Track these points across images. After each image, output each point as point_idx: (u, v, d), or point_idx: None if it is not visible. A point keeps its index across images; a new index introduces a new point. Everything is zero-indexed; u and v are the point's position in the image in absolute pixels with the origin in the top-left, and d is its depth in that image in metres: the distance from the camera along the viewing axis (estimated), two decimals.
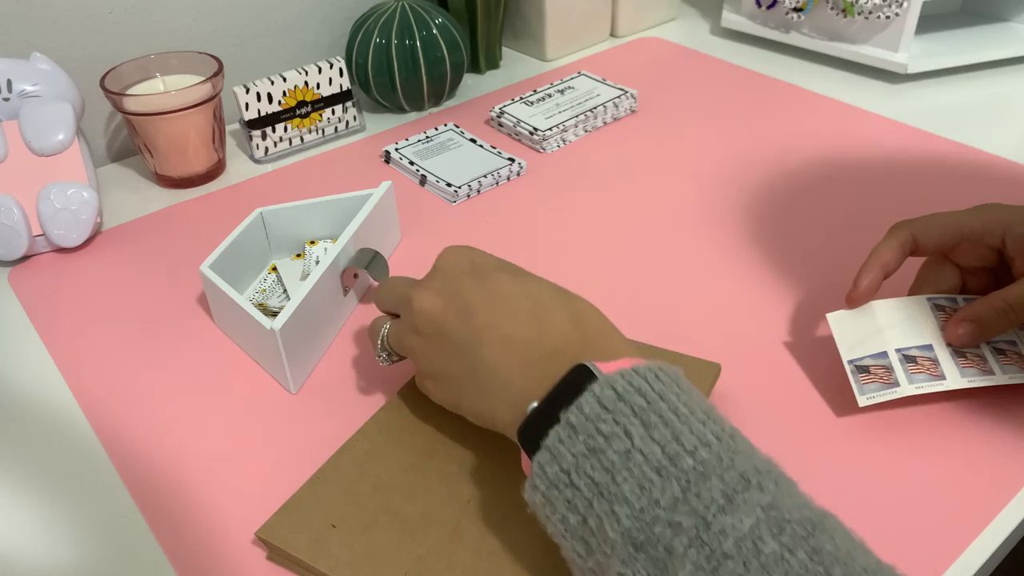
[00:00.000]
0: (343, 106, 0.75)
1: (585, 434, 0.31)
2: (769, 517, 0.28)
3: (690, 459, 0.30)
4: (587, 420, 0.31)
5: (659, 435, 0.30)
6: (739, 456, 0.30)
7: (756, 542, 0.27)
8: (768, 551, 0.27)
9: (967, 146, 0.69)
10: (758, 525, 0.28)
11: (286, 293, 0.56)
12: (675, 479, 0.29)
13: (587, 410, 0.31)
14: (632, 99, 0.77)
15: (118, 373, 0.51)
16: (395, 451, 0.42)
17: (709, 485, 0.29)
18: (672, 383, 0.32)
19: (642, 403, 0.31)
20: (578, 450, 0.31)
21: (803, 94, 0.80)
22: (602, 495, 0.30)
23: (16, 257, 0.61)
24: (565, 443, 0.31)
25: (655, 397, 0.31)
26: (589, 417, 0.31)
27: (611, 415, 0.31)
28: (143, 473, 0.44)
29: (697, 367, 0.45)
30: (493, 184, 0.68)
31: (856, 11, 0.80)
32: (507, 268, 0.41)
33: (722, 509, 0.28)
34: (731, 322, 0.52)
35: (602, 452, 0.30)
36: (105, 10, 0.71)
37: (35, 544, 0.41)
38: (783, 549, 0.27)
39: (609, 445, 0.30)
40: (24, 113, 0.63)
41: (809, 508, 0.29)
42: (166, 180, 0.70)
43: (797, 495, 0.30)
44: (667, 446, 0.30)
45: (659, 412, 0.31)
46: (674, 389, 0.32)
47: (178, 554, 0.40)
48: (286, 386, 0.49)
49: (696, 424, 0.31)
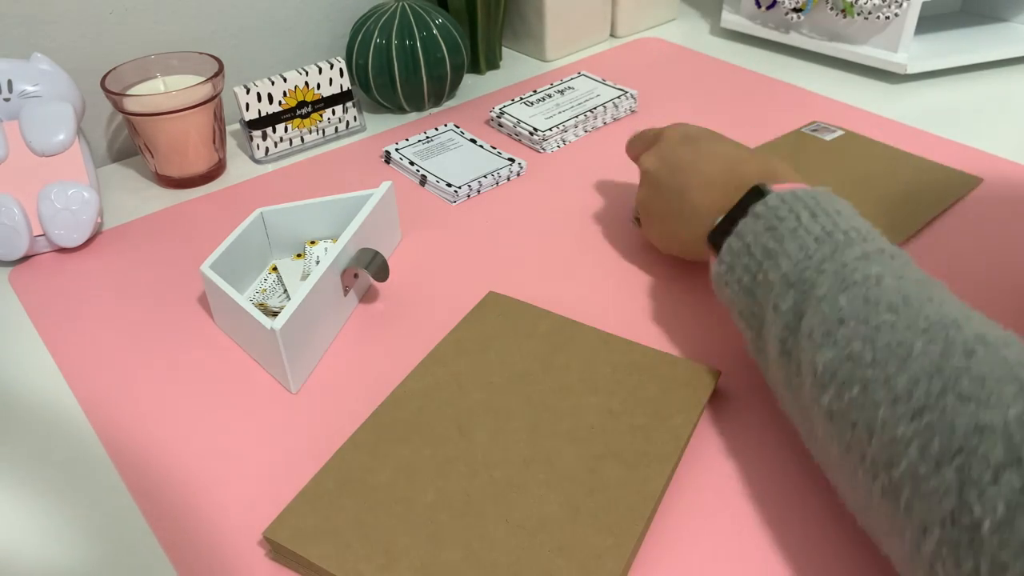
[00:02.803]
0: (343, 106, 0.75)
1: (765, 218, 0.41)
2: (893, 268, 0.37)
3: (841, 235, 0.39)
4: (768, 208, 0.42)
5: (821, 218, 0.40)
6: (881, 240, 0.39)
7: (878, 279, 0.36)
8: (886, 284, 0.35)
9: (967, 146, 0.69)
10: (884, 271, 0.36)
11: (286, 293, 0.56)
12: (827, 244, 0.39)
13: (770, 202, 0.42)
14: (632, 99, 0.77)
15: (118, 373, 0.51)
16: (397, 446, 0.42)
17: (852, 249, 0.38)
18: (840, 201, 0.42)
19: (812, 201, 0.41)
20: (758, 229, 0.42)
21: (803, 94, 0.80)
22: (770, 256, 0.40)
23: (16, 257, 0.61)
24: (749, 225, 0.42)
25: (825, 199, 0.41)
26: (770, 206, 0.42)
27: (787, 205, 0.41)
28: (143, 473, 0.44)
29: (695, 373, 0.45)
30: (493, 184, 0.68)
31: (855, 11, 0.80)
32: (714, 136, 0.52)
33: (857, 259, 0.37)
34: (731, 324, 0.52)
35: (775, 229, 0.41)
36: (105, 10, 0.71)
37: (35, 544, 0.41)
38: (899, 283, 0.35)
39: (782, 223, 0.41)
40: (24, 113, 0.63)
41: (929, 281, 0.37)
42: (166, 180, 0.70)
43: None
44: (826, 224, 0.40)
45: (824, 208, 0.41)
46: (840, 203, 0.42)
47: (178, 553, 0.40)
48: (286, 386, 0.49)
49: (851, 219, 0.40)
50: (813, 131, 0.72)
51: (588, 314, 0.53)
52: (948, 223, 0.60)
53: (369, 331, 0.53)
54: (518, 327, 0.49)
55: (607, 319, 0.52)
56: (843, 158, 0.68)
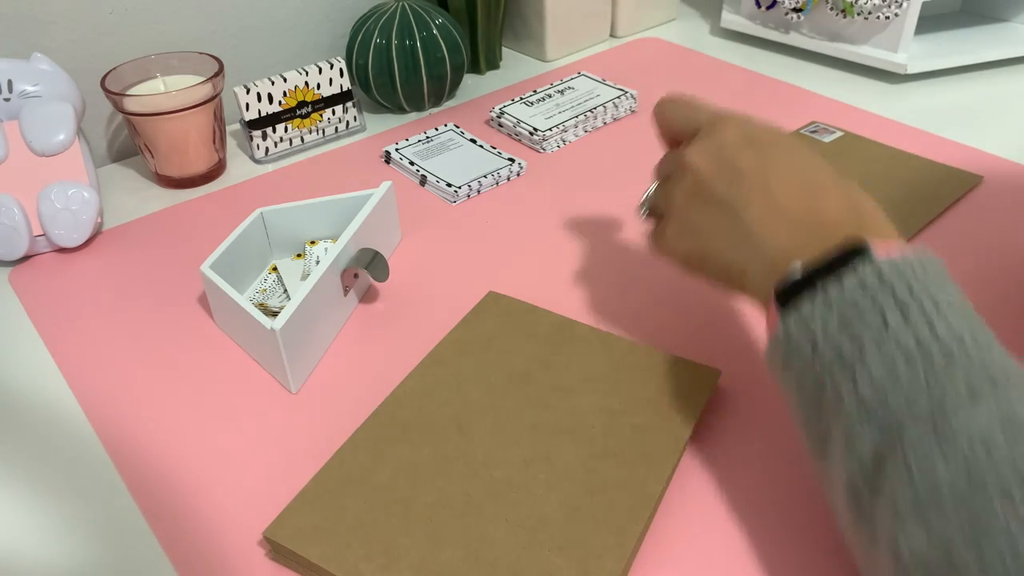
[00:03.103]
0: (343, 106, 0.75)
1: (840, 308, 0.32)
2: (1006, 411, 0.27)
3: (939, 351, 0.30)
4: (845, 295, 0.32)
5: (914, 324, 0.31)
6: (990, 354, 0.30)
7: (986, 440, 0.27)
8: (999, 455, 0.26)
9: (967, 146, 0.69)
10: (992, 421, 0.27)
11: (286, 293, 0.56)
12: (922, 366, 0.30)
13: (848, 285, 0.32)
14: (632, 99, 0.78)
15: (118, 373, 0.51)
16: (397, 446, 0.42)
17: (954, 377, 0.29)
18: (937, 275, 0.33)
19: (904, 292, 0.31)
20: (831, 322, 0.32)
21: (803, 94, 0.80)
22: (844, 364, 0.31)
23: (17, 257, 0.61)
24: (818, 312, 0.33)
25: (919, 288, 0.32)
26: (848, 292, 0.32)
27: (871, 296, 0.32)
28: (143, 472, 0.44)
29: (695, 372, 0.45)
30: (493, 184, 0.68)
31: (856, 11, 0.80)
32: (787, 144, 0.40)
33: (960, 399, 0.28)
34: (731, 324, 0.52)
35: (854, 328, 0.31)
36: (105, 10, 0.71)
37: (35, 544, 0.41)
38: (1014, 453, 0.26)
39: (864, 323, 0.31)
40: (25, 113, 0.63)
41: None
42: (166, 180, 0.70)
43: None
44: (921, 336, 0.30)
45: (919, 302, 0.31)
46: (938, 280, 0.32)
47: (179, 553, 0.40)
48: (286, 386, 0.49)
49: (954, 318, 0.31)
50: (812, 132, 0.72)
51: (588, 314, 0.53)
52: (948, 223, 0.60)
53: (369, 331, 0.53)
54: (518, 327, 0.49)
55: (607, 319, 0.52)
56: (842, 159, 0.68)
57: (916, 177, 0.65)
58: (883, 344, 0.31)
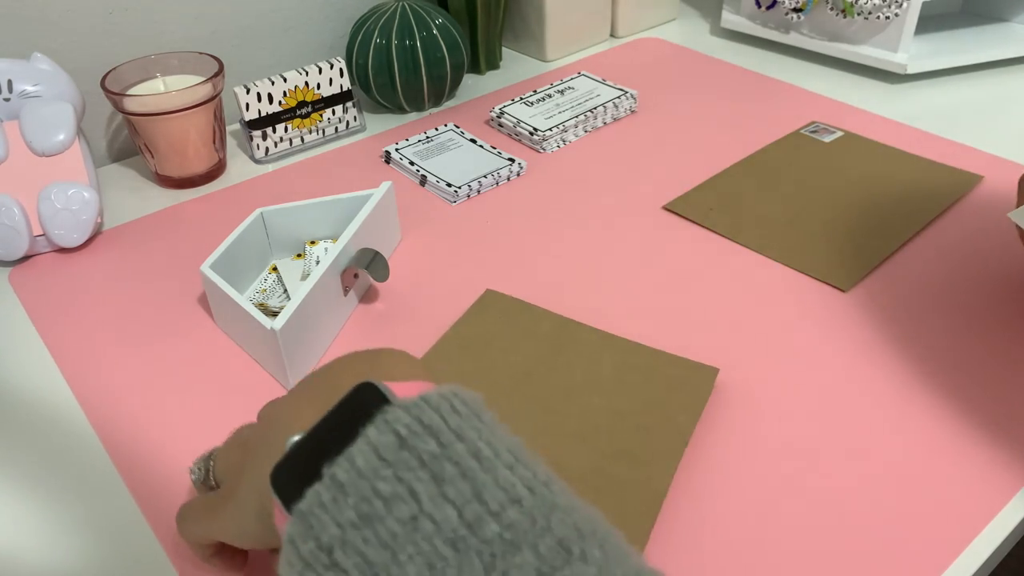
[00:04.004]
0: (343, 106, 0.75)
1: (357, 496, 0.23)
2: None
3: (496, 524, 0.23)
4: (360, 477, 0.24)
5: (455, 492, 0.23)
6: (557, 514, 0.23)
7: None
8: None
9: (967, 146, 0.69)
10: None
11: (286, 293, 0.56)
12: (476, 553, 0.22)
13: (360, 463, 0.24)
14: (632, 99, 0.77)
15: (119, 373, 0.51)
16: None
17: (521, 559, 0.22)
18: (472, 415, 0.25)
19: (434, 448, 0.24)
20: (346, 518, 0.23)
21: (803, 94, 0.80)
22: None
23: (17, 257, 0.61)
24: (328, 509, 0.24)
25: (451, 437, 0.24)
26: (363, 473, 0.24)
27: (392, 468, 0.24)
28: (144, 472, 0.44)
29: (695, 371, 0.45)
30: (493, 184, 0.68)
31: (856, 11, 0.80)
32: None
33: None
34: (730, 324, 0.52)
35: (380, 521, 0.23)
36: (105, 10, 0.71)
37: (35, 544, 0.41)
38: None
39: (389, 511, 0.23)
40: (25, 113, 0.63)
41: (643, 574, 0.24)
42: (166, 180, 0.70)
43: (626, 559, 0.24)
44: (465, 507, 0.23)
45: (456, 459, 0.24)
46: (474, 424, 0.25)
47: (179, 553, 0.40)
48: (286, 386, 0.49)
49: (503, 472, 0.24)
50: (812, 132, 0.72)
51: (588, 314, 0.53)
52: (948, 223, 0.60)
53: (369, 331, 0.53)
54: (519, 326, 0.49)
55: (607, 319, 0.52)
56: (842, 160, 0.68)
57: (916, 177, 0.65)
58: (418, 531, 0.23)
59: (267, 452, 0.30)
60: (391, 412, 0.25)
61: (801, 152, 0.69)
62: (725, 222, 0.61)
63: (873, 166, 0.67)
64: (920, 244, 0.58)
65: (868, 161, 0.68)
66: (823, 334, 0.51)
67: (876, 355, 0.49)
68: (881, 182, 0.64)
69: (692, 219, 0.62)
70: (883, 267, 0.56)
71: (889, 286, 0.54)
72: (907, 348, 0.49)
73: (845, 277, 0.55)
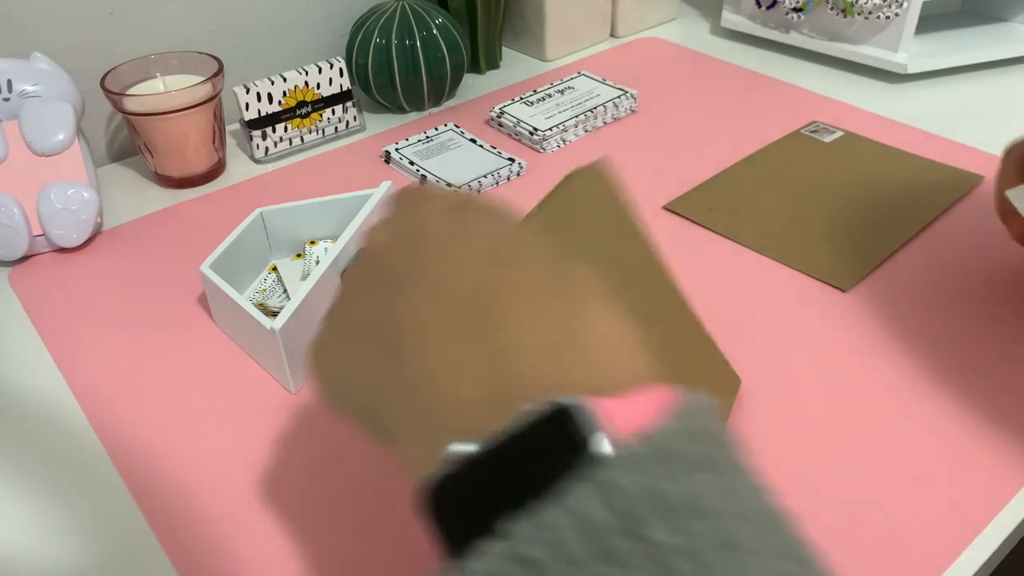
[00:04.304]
0: (343, 106, 0.75)
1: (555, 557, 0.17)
2: None
3: None
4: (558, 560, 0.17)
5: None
6: None
7: None
8: None
9: (967, 146, 0.69)
10: None
11: (286, 293, 0.56)
12: None
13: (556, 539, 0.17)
14: (632, 99, 0.77)
15: (118, 373, 0.51)
16: None
17: None
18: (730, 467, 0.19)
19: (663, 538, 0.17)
20: None
21: (803, 94, 0.80)
22: None
23: (16, 257, 0.61)
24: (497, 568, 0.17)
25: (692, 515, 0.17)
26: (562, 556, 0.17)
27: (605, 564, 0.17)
28: (143, 472, 0.44)
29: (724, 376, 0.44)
30: (493, 184, 0.68)
31: (856, 11, 0.80)
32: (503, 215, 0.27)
33: None
34: (730, 324, 0.52)
35: None
36: (105, 10, 0.71)
37: (35, 544, 0.41)
38: None
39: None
40: (24, 113, 0.63)
41: None
42: (166, 180, 0.70)
43: None
44: None
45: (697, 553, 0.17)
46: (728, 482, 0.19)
47: (179, 553, 0.40)
48: (286, 386, 0.49)
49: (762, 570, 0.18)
50: (812, 132, 0.72)
51: None
52: (948, 223, 0.60)
53: None
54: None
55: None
56: (843, 159, 0.68)
57: (916, 177, 0.65)
58: None
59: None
60: (607, 474, 0.17)
61: (801, 152, 0.69)
62: (725, 222, 0.61)
63: (873, 166, 0.67)
64: (920, 244, 0.58)
65: (868, 161, 0.68)
66: (823, 334, 0.51)
67: (876, 355, 0.49)
68: (881, 182, 0.64)
69: (692, 219, 0.62)
70: (883, 267, 0.56)
71: (889, 286, 0.54)
72: (907, 348, 0.49)
73: (845, 277, 0.55)
